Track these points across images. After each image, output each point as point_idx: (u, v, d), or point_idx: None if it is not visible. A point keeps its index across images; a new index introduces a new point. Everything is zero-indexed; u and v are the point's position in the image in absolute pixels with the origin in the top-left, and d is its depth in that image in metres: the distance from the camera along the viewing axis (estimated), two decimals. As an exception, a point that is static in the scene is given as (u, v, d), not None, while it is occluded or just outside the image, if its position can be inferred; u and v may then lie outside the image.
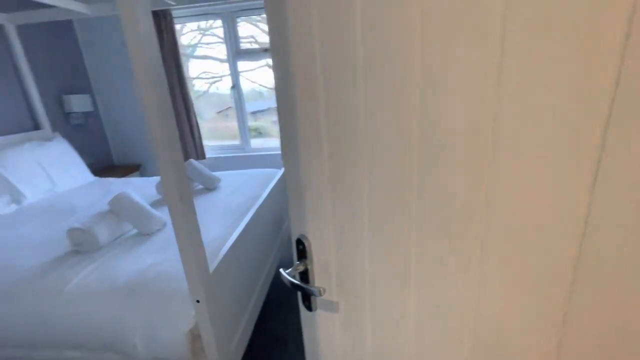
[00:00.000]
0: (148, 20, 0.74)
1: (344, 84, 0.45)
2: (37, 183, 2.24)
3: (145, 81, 0.74)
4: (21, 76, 2.49)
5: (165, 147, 0.79)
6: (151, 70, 0.74)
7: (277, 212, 2.04)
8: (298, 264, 0.59)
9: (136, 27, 0.70)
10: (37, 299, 1.13)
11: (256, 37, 3.11)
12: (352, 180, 0.49)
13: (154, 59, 0.75)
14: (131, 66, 0.73)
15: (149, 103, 0.75)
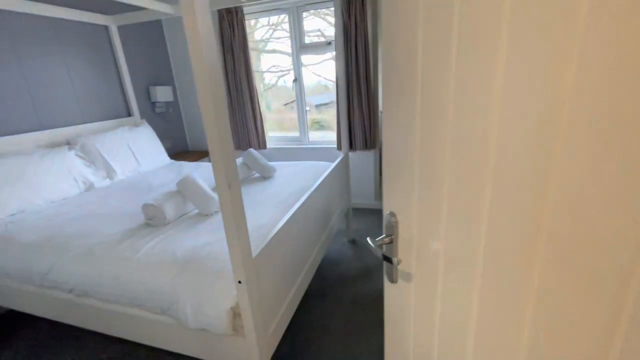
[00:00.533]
0: (207, 21, 0.79)
1: (439, 65, 0.51)
2: (126, 163, 2.60)
3: (201, 78, 0.80)
4: (119, 70, 2.90)
5: (216, 138, 0.84)
6: (207, 67, 0.80)
7: (327, 205, 2.06)
8: (385, 237, 0.67)
9: (195, 27, 0.76)
10: (113, 262, 1.33)
11: (323, 30, 3.14)
12: (436, 164, 0.54)
13: (211, 58, 0.81)
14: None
15: (203, 98, 0.81)
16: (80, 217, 1.77)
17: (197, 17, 0.76)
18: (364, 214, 3.21)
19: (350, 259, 2.46)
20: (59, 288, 1.44)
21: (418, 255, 0.63)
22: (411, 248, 0.63)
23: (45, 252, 1.48)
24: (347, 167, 2.57)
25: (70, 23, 2.50)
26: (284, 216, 1.49)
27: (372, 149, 3.11)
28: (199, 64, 0.79)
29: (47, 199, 2.01)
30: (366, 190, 3.30)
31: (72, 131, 2.49)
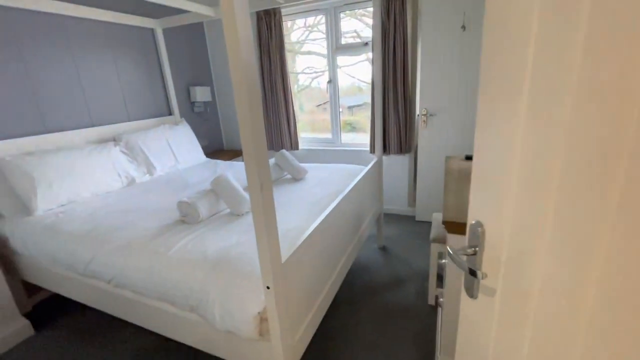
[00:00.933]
0: (246, 22, 0.77)
1: (557, 64, 0.42)
2: (165, 159, 2.71)
3: (238, 79, 0.78)
4: (163, 71, 3.03)
5: (250, 139, 0.82)
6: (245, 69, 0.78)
7: (358, 210, 1.99)
8: (468, 247, 0.62)
9: (234, 29, 0.74)
10: (148, 256, 1.36)
11: (359, 31, 3.08)
12: (544, 171, 0.45)
13: (249, 59, 0.79)
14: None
15: (239, 99, 0.79)
16: (121, 211, 1.85)
17: (236, 18, 0.74)
18: (396, 220, 3.10)
19: (380, 266, 2.37)
20: (99, 278, 1.51)
21: (508, 271, 0.56)
22: (499, 262, 0.57)
23: (88, 242, 1.56)
24: (380, 171, 2.49)
25: (120, 26, 2.65)
26: (314, 220, 1.46)
27: (407, 153, 2.99)
28: (237, 66, 0.77)
29: (93, 192, 2.13)
30: (398, 195, 3.18)
31: (118, 128, 2.63)
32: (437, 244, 1.81)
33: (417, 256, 2.47)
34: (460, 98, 2.61)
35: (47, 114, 2.22)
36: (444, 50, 2.54)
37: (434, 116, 2.73)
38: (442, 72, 2.60)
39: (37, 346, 1.80)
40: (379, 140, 2.48)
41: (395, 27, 2.63)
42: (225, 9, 0.74)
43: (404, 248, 2.60)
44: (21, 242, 1.79)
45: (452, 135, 2.71)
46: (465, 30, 2.44)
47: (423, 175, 2.90)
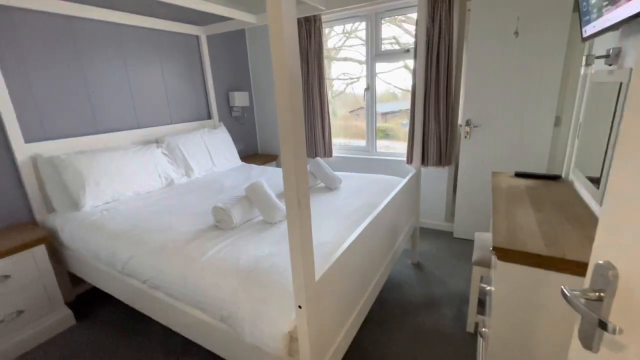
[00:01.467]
0: (293, 30, 0.73)
1: None
2: (203, 162, 2.78)
3: (282, 89, 0.74)
4: (204, 76, 3.13)
5: (291, 155, 0.78)
6: (289, 77, 0.74)
7: (394, 224, 1.90)
8: (590, 290, 0.54)
9: (281, 36, 0.71)
10: (182, 261, 1.37)
11: (398, 37, 3.00)
12: None
13: (294, 67, 0.75)
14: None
15: (282, 112, 0.76)
16: (159, 212, 1.91)
17: (283, 25, 0.70)
18: (431, 235, 2.94)
19: (413, 283, 2.24)
20: (135, 277, 1.55)
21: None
22: (637, 315, 0.47)
23: (128, 241, 1.61)
24: (418, 184, 2.37)
25: (168, 34, 2.77)
26: (349, 234, 1.39)
27: (447, 166, 2.83)
28: (282, 75, 0.74)
29: (135, 191, 2.22)
30: (435, 209, 3.02)
31: (161, 130, 2.74)
32: (480, 267, 1.67)
33: (455, 276, 2.31)
34: (508, 109, 2.42)
35: (99, 116, 2.36)
36: (493, 57, 2.38)
37: (478, 127, 2.56)
38: (489, 81, 2.44)
39: (76, 335, 1.89)
40: (418, 151, 2.36)
41: (440, 32, 2.51)
42: (272, 14, 0.71)
43: (440, 266, 2.44)
44: (69, 235, 1.89)
45: (498, 148, 2.53)
46: (518, 37, 2.27)
47: (464, 189, 2.73)
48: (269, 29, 0.72)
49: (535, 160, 2.42)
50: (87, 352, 1.76)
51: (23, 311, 1.78)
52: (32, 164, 2.00)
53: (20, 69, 1.95)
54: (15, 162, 1.94)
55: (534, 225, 1.21)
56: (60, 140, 2.13)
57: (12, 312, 1.74)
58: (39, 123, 2.06)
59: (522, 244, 1.08)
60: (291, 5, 0.72)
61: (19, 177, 1.97)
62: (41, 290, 1.85)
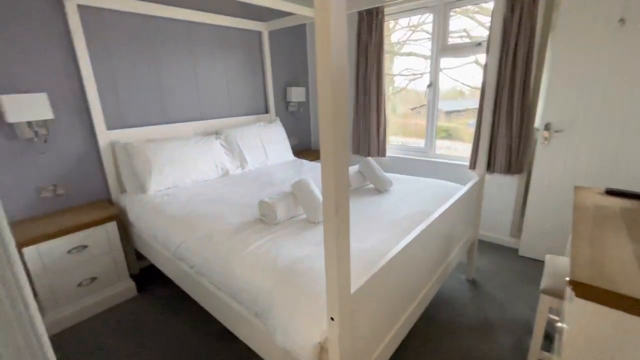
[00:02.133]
0: (341, 23, 0.66)
1: None
2: (257, 155, 2.86)
3: (324, 88, 0.68)
4: (264, 71, 3.21)
5: (331, 157, 0.72)
6: (334, 77, 0.67)
7: (449, 234, 1.73)
8: None
9: (327, 31, 0.64)
10: (226, 252, 1.40)
11: (469, 30, 2.72)
12: None
13: (340, 67, 0.68)
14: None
15: (324, 113, 0.70)
16: (212, 201, 2.00)
17: (330, 17, 0.64)
18: (492, 250, 2.65)
19: (466, 302, 2.03)
20: (185, 261, 1.64)
21: None
22: None
23: (180, 227, 1.71)
24: (480, 192, 2.13)
25: (232, 30, 2.89)
26: (395, 243, 1.29)
27: (517, 174, 2.51)
28: (325, 73, 0.67)
29: (193, 179, 2.37)
30: (500, 222, 2.71)
31: (221, 123, 2.89)
32: (550, 297, 1.42)
33: (517, 300, 2.04)
34: (603, 113, 2.04)
35: (167, 108, 2.56)
36: (588, 50, 2.01)
37: (560, 132, 2.21)
38: (579, 78, 2.07)
39: (136, 306, 2.09)
40: (483, 156, 2.11)
41: (521, 23, 2.20)
42: (319, 7, 0.64)
43: (500, 286, 2.18)
44: (135, 215, 2.09)
45: (585, 158, 2.15)
46: (624, 24, 1.88)
47: (536, 203, 2.39)
48: (315, 22, 0.66)
49: (635, 176, 2.01)
50: (144, 321, 1.93)
51: (96, 278, 2.02)
52: (111, 149, 2.24)
53: (107, 65, 2.19)
54: (98, 147, 2.19)
55: (631, 259, 0.98)
56: (135, 128, 2.36)
57: (88, 278, 1.98)
58: (119, 113, 2.29)
59: (611, 282, 0.87)
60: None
61: (100, 161, 2.23)
62: (111, 262, 2.08)
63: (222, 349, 1.71)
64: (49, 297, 1.83)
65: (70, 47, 2.01)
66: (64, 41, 1.99)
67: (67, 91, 2.04)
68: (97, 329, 1.89)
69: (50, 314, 1.85)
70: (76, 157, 2.13)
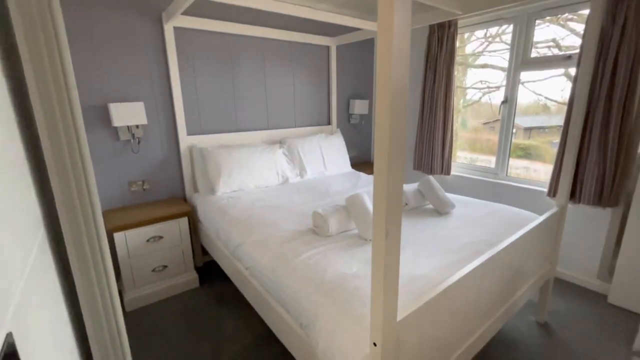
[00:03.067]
0: (405, 41, 0.65)
1: None
2: (316, 165, 2.93)
3: (383, 104, 0.67)
4: (330, 84, 3.30)
5: (384, 175, 0.70)
6: (393, 94, 0.66)
7: (518, 268, 1.55)
8: None
9: (389, 48, 0.64)
10: (276, 259, 1.46)
11: (559, 40, 2.43)
12: None
13: (400, 83, 0.67)
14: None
15: (380, 133, 0.69)
16: (270, 207, 2.10)
17: (393, 34, 0.63)
18: (574, 293, 2.29)
19: (532, 347, 1.79)
20: (241, 262, 1.75)
21: None
22: None
23: (240, 229, 1.83)
24: (560, 224, 1.87)
25: (301, 45, 3.03)
26: (451, 273, 1.20)
27: (610, 207, 2.15)
28: (384, 89, 0.67)
29: (256, 184, 2.52)
30: (585, 261, 2.34)
31: (286, 133, 3.04)
32: (648, 361, 1.18)
33: (597, 354, 1.72)
34: None
35: (239, 117, 2.78)
36: None
37: (674, 162, 1.83)
38: None
39: (198, 296, 2.29)
40: (566, 183, 1.86)
41: (623, 34, 1.90)
42: (382, 24, 0.64)
43: (578, 336, 1.87)
44: (204, 214, 2.30)
45: None
46: None
47: (634, 242, 2.01)
48: (377, 40, 0.67)
49: None
50: (202, 312, 2.10)
51: (167, 266, 2.26)
52: (189, 152, 2.51)
53: (191, 78, 2.48)
54: (179, 150, 2.48)
55: None
56: (210, 135, 2.61)
57: (160, 266, 2.23)
58: (198, 120, 2.57)
59: None
60: (405, 15, 0.64)
61: (179, 162, 2.52)
62: (180, 253, 2.31)
63: (265, 349, 1.77)
64: (129, 278, 2.11)
65: (164, 63, 2.32)
66: (160, 57, 2.31)
67: (159, 101, 2.36)
68: (163, 314, 2.11)
69: (129, 294, 2.13)
70: (161, 157, 2.44)
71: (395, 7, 0.62)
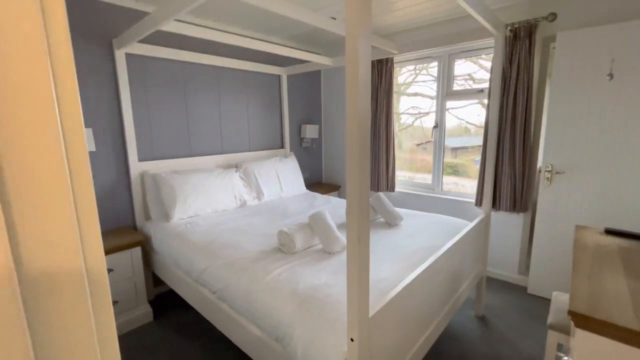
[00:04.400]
0: (366, 72, 0.84)
1: None
2: (272, 188, 3.02)
3: (352, 129, 0.84)
4: (282, 110, 3.48)
5: (356, 193, 0.86)
6: (360, 120, 0.83)
7: (458, 269, 1.81)
8: None
9: (356, 78, 0.81)
10: (247, 279, 1.51)
11: (473, 74, 2.97)
12: None
13: (364, 108, 0.84)
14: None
15: (351, 152, 0.85)
16: (232, 230, 2.13)
17: (359, 69, 0.81)
18: (501, 288, 2.67)
19: (475, 338, 2.05)
20: (207, 287, 1.74)
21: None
22: None
23: (204, 254, 1.83)
24: (487, 229, 2.22)
25: (255, 74, 3.19)
26: (408, 274, 1.39)
27: (522, 213, 2.61)
28: (354, 117, 0.84)
29: (214, 209, 2.52)
30: (507, 259, 2.76)
31: (241, 157, 3.09)
32: (557, 332, 1.48)
33: (526, 338, 2.05)
34: (600, 157, 2.17)
35: (193, 142, 2.78)
36: (581, 100, 2.20)
37: (561, 174, 2.34)
38: (575, 126, 2.24)
39: (153, 331, 2.15)
40: (489, 194, 2.24)
41: (519, 73, 2.42)
42: (349, 59, 0.82)
43: (509, 324, 2.20)
44: (159, 242, 2.22)
45: (585, 199, 2.25)
46: (612, 80, 2.08)
47: (541, 241, 2.46)
48: (346, 71, 0.84)
49: (633, 217, 2.10)
50: (160, 347, 1.99)
51: (117, 302, 2.11)
52: (140, 179, 2.43)
53: (144, 102, 2.44)
54: (129, 177, 2.38)
55: (626, 294, 1.06)
56: (164, 160, 2.56)
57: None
58: (150, 145, 2.51)
59: (607, 314, 0.96)
60: (366, 51, 0.83)
61: (130, 189, 2.41)
62: (132, 286, 2.18)
63: (236, 377, 1.75)
64: (74, 318, 1.92)
65: (115, 89, 2.27)
66: (111, 83, 2.25)
67: (109, 127, 2.27)
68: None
69: (73, 336, 1.93)
70: (110, 185, 2.32)
71: (360, 45, 0.80)
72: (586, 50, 2.14)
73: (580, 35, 2.15)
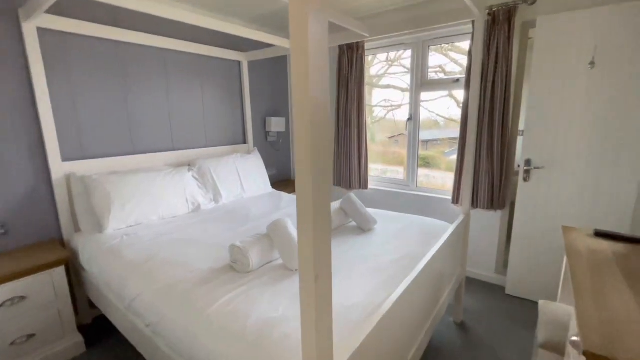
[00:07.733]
0: (323, 60, 0.56)
1: None
2: (232, 188, 2.69)
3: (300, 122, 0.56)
4: (243, 101, 3.12)
5: (310, 217, 0.58)
6: (314, 110, 0.56)
7: (439, 277, 1.60)
8: None
9: (303, 63, 0.53)
10: (186, 310, 1.20)
11: (444, 66, 2.80)
12: None
13: (322, 100, 0.57)
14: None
15: (300, 155, 0.57)
16: (179, 241, 1.79)
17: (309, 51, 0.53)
18: (479, 289, 2.54)
19: (455, 349, 1.88)
20: (139, 318, 1.41)
21: None
22: None
23: (139, 275, 1.49)
24: (467, 230, 2.05)
25: (211, 59, 2.81)
26: (384, 294, 1.15)
27: (500, 210, 2.47)
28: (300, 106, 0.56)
29: (160, 215, 2.15)
30: (484, 258, 2.63)
31: (195, 154, 2.72)
32: (549, 352, 1.30)
33: (508, 344, 1.90)
34: (581, 151, 2.05)
35: (136, 137, 2.37)
36: (561, 90, 2.06)
37: (540, 169, 2.20)
38: (556, 117, 2.10)
39: (83, 367, 1.78)
40: (467, 192, 2.06)
41: (497, 63, 2.25)
42: (295, 40, 0.54)
43: (490, 329, 2.05)
44: (88, 258, 1.83)
45: (567, 196, 2.14)
46: (594, 68, 1.95)
47: (520, 239, 2.34)
48: (291, 57, 0.56)
49: (615, 215, 2.00)
50: (88, 390, 1.63)
51: (34, 335, 1.72)
52: (66, 182, 2.01)
53: (68, 91, 2.01)
54: (51, 180, 1.96)
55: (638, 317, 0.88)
56: (97, 159, 2.15)
57: (24, 336, 1.68)
58: (78, 142, 2.09)
59: (629, 350, 0.76)
60: (322, 31, 0.55)
61: (52, 195, 1.99)
62: (55, 314, 1.79)
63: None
64: (-31, 362, 1.52)
65: (25, 71, 1.83)
66: (20, 65, 1.81)
67: (18, 119, 1.84)
68: (29, 401, 1.57)
69: (-30, 384, 1.53)
70: (24, 191, 1.89)
71: (310, 22, 0.52)
72: (566, 37, 2.00)
73: (562, 19, 1.99)
